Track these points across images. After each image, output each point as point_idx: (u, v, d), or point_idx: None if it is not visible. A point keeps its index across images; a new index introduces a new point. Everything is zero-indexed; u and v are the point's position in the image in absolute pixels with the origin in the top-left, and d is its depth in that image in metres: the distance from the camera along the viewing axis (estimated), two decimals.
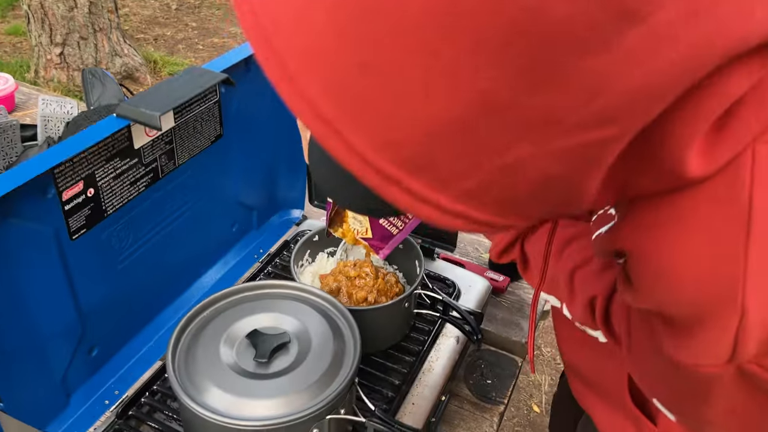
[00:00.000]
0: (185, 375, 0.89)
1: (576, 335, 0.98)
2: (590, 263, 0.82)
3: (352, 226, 1.02)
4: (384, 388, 1.09)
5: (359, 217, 1.01)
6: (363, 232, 1.02)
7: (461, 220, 0.46)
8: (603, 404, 0.98)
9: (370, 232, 1.02)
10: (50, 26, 4.09)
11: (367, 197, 0.57)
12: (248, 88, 1.20)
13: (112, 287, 1.05)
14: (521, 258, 0.93)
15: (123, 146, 0.96)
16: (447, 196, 0.44)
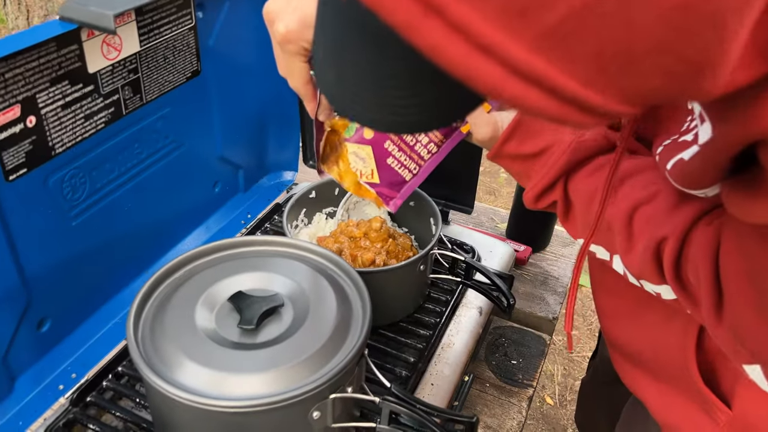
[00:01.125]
0: (151, 345, 0.71)
1: (626, 301, 0.80)
2: (655, 200, 0.64)
3: (353, 165, 0.81)
4: (397, 366, 0.91)
5: (363, 152, 0.80)
6: (368, 174, 0.82)
7: (535, 89, 0.30)
8: (660, 385, 0.80)
9: (377, 176, 0.82)
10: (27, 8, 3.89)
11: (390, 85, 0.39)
12: (230, 16, 1.01)
13: (64, 247, 0.86)
14: (564, 200, 0.74)
15: (73, 67, 0.77)
16: (520, 39, 0.29)
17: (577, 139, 0.71)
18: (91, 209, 0.89)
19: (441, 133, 0.81)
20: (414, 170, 0.82)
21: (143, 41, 0.87)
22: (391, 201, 0.83)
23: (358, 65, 0.40)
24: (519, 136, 0.74)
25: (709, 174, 0.51)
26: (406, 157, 0.81)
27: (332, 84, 0.43)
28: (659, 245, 0.62)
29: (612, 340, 0.88)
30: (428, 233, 1.05)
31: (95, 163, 0.87)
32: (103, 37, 0.80)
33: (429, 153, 0.81)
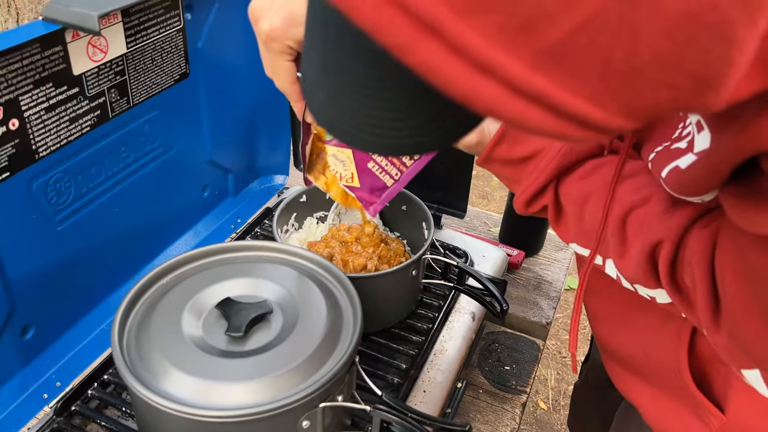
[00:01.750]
0: (136, 354, 0.69)
1: (617, 304, 0.79)
2: (649, 203, 0.63)
3: (333, 168, 0.78)
4: (389, 373, 0.89)
5: (342, 155, 0.78)
6: (347, 178, 0.79)
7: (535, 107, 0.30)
8: (652, 390, 0.79)
9: (357, 180, 0.80)
10: (17, 11, 3.86)
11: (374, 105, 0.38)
12: (220, 17, 1.00)
13: (49, 253, 0.84)
14: (555, 205, 0.73)
15: (57, 68, 0.76)
16: (519, 57, 0.28)
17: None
18: (76, 214, 0.87)
19: None
20: (395, 176, 0.80)
21: (130, 43, 0.85)
22: (371, 206, 0.81)
23: (350, 86, 0.38)
24: (508, 140, 0.73)
25: (709, 183, 0.50)
26: (387, 162, 0.79)
27: (322, 104, 0.41)
28: (654, 249, 0.61)
29: (603, 344, 0.87)
30: (421, 238, 1.04)
31: (81, 167, 0.85)
32: (88, 39, 0.78)
33: (411, 159, 0.79)
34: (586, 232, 0.69)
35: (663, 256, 0.60)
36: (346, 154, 0.78)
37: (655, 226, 0.61)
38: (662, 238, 0.60)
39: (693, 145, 0.52)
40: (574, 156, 0.69)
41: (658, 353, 0.74)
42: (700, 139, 0.51)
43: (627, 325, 0.79)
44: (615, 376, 0.87)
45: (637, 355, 0.79)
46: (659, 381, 0.77)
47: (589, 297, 0.86)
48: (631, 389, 0.84)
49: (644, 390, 0.81)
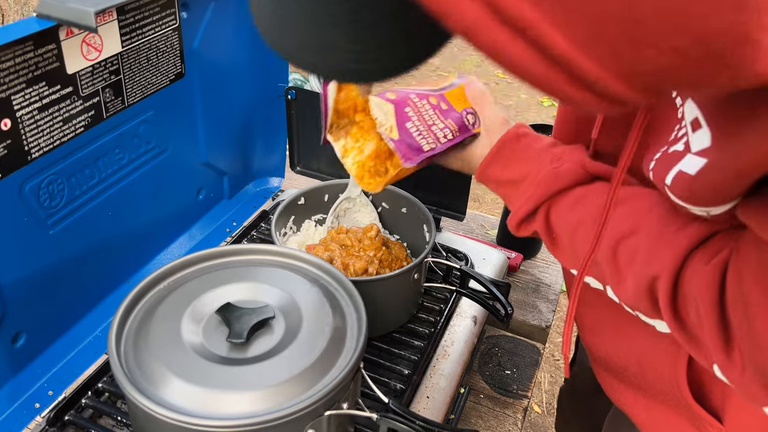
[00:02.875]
0: (134, 361, 0.67)
1: (608, 316, 0.78)
2: (638, 233, 0.62)
3: (375, 113, 0.77)
4: (391, 379, 0.87)
5: (385, 107, 0.77)
6: (388, 128, 0.77)
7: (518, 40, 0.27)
8: (647, 401, 0.78)
9: (396, 133, 0.78)
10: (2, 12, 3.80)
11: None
12: (216, 17, 0.98)
13: (41, 257, 0.82)
14: (546, 231, 0.71)
15: (51, 67, 0.73)
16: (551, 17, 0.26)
17: (554, 170, 0.69)
18: (69, 217, 0.84)
19: (455, 124, 0.79)
20: (431, 144, 0.79)
21: (125, 42, 0.83)
22: (408, 160, 0.78)
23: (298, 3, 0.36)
24: (500, 161, 0.73)
25: (725, 192, 0.47)
26: (425, 129, 0.79)
27: (267, 16, 0.38)
28: (652, 283, 0.59)
29: (594, 354, 0.85)
30: (421, 241, 1.02)
31: (74, 169, 0.83)
32: (82, 37, 0.76)
33: (445, 137, 0.79)
34: (578, 260, 0.68)
35: (662, 293, 0.58)
36: (388, 108, 0.78)
37: (648, 258, 0.59)
38: (658, 273, 0.58)
39: (689, 146, 0.50)
40: (560, 183, 0.68)
41: (653, 365, 0.73)
42: (697, 138, 0.49)
43: (620, 336, 0.77)
44: (606, 384, 0.86)
45: (630, 367, 0.77)
46: (654, 392, 0.75)
47: (580, 308, 0.84)
48: (625, 399, 0.82)
49: (638, 400, 0.80)
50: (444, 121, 0.79)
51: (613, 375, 0.83)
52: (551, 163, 0.69)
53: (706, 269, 0.54)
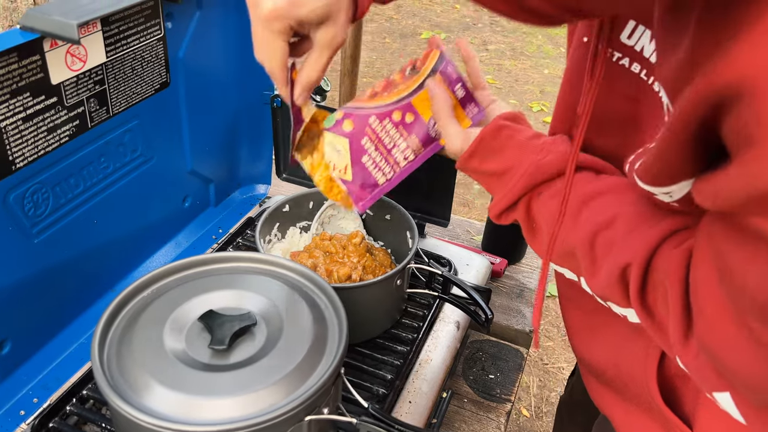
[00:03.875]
0: (117, 368, 0.68)
1: (590, 316, 0.79)
2: (615, 225, 0.64)
3: (328, 156, 0.78)
4: (374, 384, 0.89)
5: (339, 144, 0.77)
6: (341, 169, 0.78)
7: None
8: (625, 404, 0.79)
9: (350, 173, 0.79)
10: None
11: None
12: (201, 27, 0.99)
13: (26, 266, 0.83)
14: (527, 221, 0.73)
15: (35, 78, 0.74)
16: None
17: (537, 161, 0.69)
18: (54, 226, 0.85)
19: (419, 141, 0.79)
20: (388, 174, 0.80)
21: (110, 52, 0.84)
22: (361, 202, 0.80)
23: None
24: (481, 153, 0.74)
25: (673, 163, 0.49)
26: (382, 159, 0.79)
27: None
28: (624, 271, 0.61)
29: (579, 355, 0.87)
30: (405, 247, 1.04)
31: (59, 178, 0.84)
32: (67, 48, 0.77)
33: (405, 159, 0.79)
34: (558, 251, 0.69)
35: (633, 279, 0.59)
36: (343, 144, 0.77)
37: (622, 247, 0.61)
38: (630, 260, 0.60)
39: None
40: (542, 175, 0.69)
41: (627, 367, 0.74)
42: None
43: (598, 337, 0.79)
44: (591, 387, 0.87)
45: (608, 369, 0.78)
46: (630, 395, 0.76)
47: (566, 307, 0.86)
48: (605, 401, 0.84)
49: (617, 403, 0.81)
50: (407, 139, 0.78)
51: (595, 377, 0.84)
52: (534, 155, 0.70)
53: (673, 253, 0.56)
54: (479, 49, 4.80)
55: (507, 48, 4.86)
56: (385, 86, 0.79)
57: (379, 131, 0.78)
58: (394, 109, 0.78)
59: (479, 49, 4.80)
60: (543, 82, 4.42)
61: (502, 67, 4.59)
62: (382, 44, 4.85)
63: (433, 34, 4.90)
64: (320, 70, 0.71)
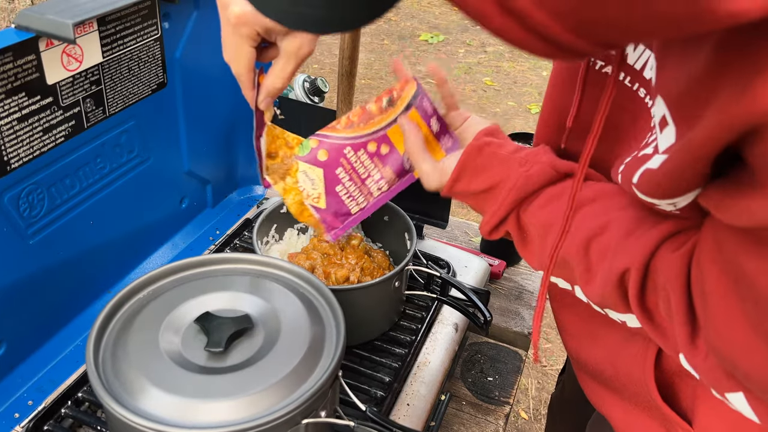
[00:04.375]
0: (112, 371, 0.67)
1: (585, 319, 0.79)
2: (609, 230, 0.63)
3: (301, 185, 0.78)
4: (372, 386, 0.88)
5: (313, 174, 0.78)
6: (314, 197, 0.79)
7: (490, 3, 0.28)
8: (623, 403, 0.79)
9: (324, 201, 0.79)
10: None
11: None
12: (198, 27, 0.98)
13: (21, 267, 0.82)
14: (518, 232, 0.73)
15: (30, 78, 0.74)
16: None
17: (524, 173, 0.69)
18: (50, 227, 0.84)
19: (394, 172, 0.80)
20: (362, 204, 0.81)
21: (106, 52, 0.83)
22: (333, 231, 0.81)
23: None
24: (467, 175, 0.74)
25: (685, 179, 0.49)
26: (356, 189, 0.79)
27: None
28: (622, 276, 0.60)
29: (574, 357, 0.86)
30: (403, 249, 1.03)
31: (54, 179, 0.83)
32: (62, 47, 0.76)
33: (379, 190, 0.80)
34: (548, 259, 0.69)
35: (632, 284, 0.59)
36: (317, 174, 0.78)
37: (618, 252, 0.61)
38: (628, 265, 0.59)
39: (658, 146, 0.52)
40: (531, 186, 0.69)
41: (625, 367, 0.74)
42: (664, 137, 0.50)
43: (595, 339, 0.79)
44: (587, 388, 0.87)
45: (606, 369, 0.78)
46: (628, 394, 0.76)
47: (559, 311, 0.85)
48: (604, 402, 0.83)
49: (615, 403, 0.81)
50: (382, 170, 0.78)
51: (591, 377, 0.84)
52: (520, 167, 0.70)
53: (673, 257, 0.55)
54: (478, 50, 4.81)
55: (505, 50, 4.86)
56: (361, 116, 0.79)
57: (354, 162, 0.78)
58: (370, 140, 0.78)
59: (478, 50, 4.81)
60: (541, 84, 4.42)
61: (500, 69, 4.59)
62: (381, 46, 4.85)
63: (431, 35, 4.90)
64: (285, 78, 0.72)
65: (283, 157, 0.80)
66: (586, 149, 0.57)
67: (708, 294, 0.51)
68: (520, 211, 0.71)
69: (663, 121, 0.50)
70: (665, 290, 0.56)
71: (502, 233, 0.75)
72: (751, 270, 0.45)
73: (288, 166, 0.80)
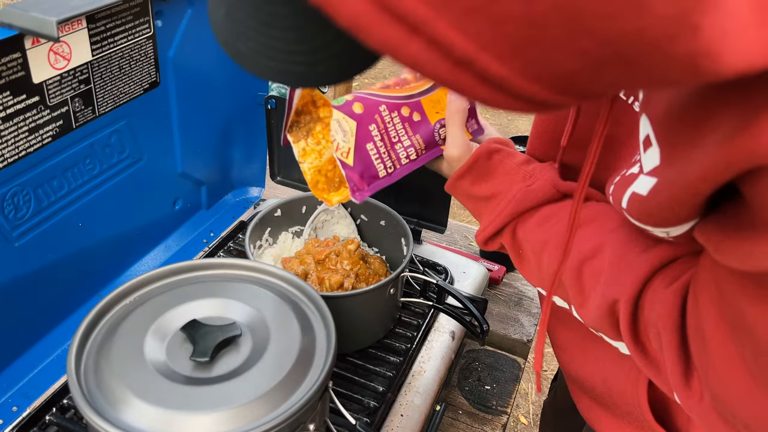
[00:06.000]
0: (94, 382, 0.65)
1: (578, 335, 0.77)
2: (601, 253, 0.61)
3: (333, 134, 0.74)
4: (364, 396, 0.86)
5: (346, 125, 0.74)
6: (344, 151, 0.74)
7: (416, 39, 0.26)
8: (615, 421, 0.77)
9: (353, 157, 0.75)
10: None
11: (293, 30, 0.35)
12: (192, 25, 0.96)
13: (6, 270, 0.80)
14: (513, 247, 0.72)
15: (15, 76, 0.72)
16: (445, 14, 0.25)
17: (525, 188, 0.69)
18: (36, 229, 0.82)
19: (423, 141, 0.78)
20: (389, 168, 0.77)
21: (96, 50, 0.81)
22: (359, 192, 0.77)
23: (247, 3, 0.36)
24: (472, 175, 0.73)
25: (678, 212, 0.46)
26: (386, 152, 0.77)
27: (221, 21, 0.39)
28: (612, 306, 0.58)
29: (567, 371, 0.85)
30: (400, 254, 1.01)
31: (41, 180, 0.81)
32: (49, 45, 0.74)
33: (407, 158, 0.78)
34: (545, 279, 0.68)
35: (622, 317, 0.57)
36: (350, 126, 0.74)
37: (610, 280, 0.59)
38: (617, 296, 0.57)
39: (642, 166, 0.49)
40: (529, 202, 0.68)
41: (618, 385, 0.72)
42: (648, 157, 0.48)
43: (588, 355, 0.77)
44: (579, 402, 0.85)
45: (598, 386, 0.76)
46: (621, 413, 0.75)
47: (553, 325, 0.84)
48: (595, 417, 0.82)
49: (607, 419, 0.79)
50: (411, 137, 0.77)
51: (584, 392, 0.82)
52: (523, 181, 0.69)
53: (666, 293, 0.53)
54: None
55: None
56: (397, 81, 0.78)
57: (387, 122, 0.76)
58: (404, 104, 0.77)
59: None
60: None
61: None
62: None
63: None
64: None
65: (308, 116, 0.78)
66: (584, 172, 0.55)
67: (708, 339, 0.48)
68: (517, 225, 0.70)
69: (647, 141, 0.47)
70: (656, 327, 0.53)
71: (497, 245, 0.74)
72: (752, 315, 0.42)
73: (311, 126, 0.78)
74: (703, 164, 0.40)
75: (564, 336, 0.81)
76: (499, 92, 0.28)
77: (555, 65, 0.27)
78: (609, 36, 0.25)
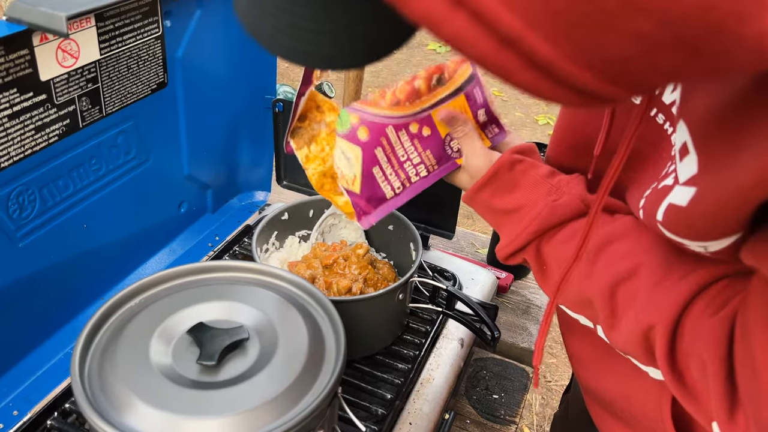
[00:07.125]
0: (98, 384, 0.63)
1: (596, 348, 0.75)
2: (638, 275, 0.58)
3: (337, 163, 0.72)
4: (372, 403, 0.84)
5: (351, 153, 0.72)
6: (349, 179, 0.73)
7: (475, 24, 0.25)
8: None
9: (359, 184, 0.73)
10: None
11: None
12: (201, 26, 0.95)
13: (9, 271, 0.79)
14: (537, 262, 0.69)
15: (23, 73, 0.71)
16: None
17: (551, 203, 0.65)
18: (41, 229, 0.81)
19: (434, 156, 0.75)
20: (397, 189, 0.75)
21: (104, 49, 0.80)
22: (365, 217, 0.74)
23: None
24: (492, 187, 0.70)
25: (722, 224, 0.43)
26: (393, 172, 0.74)
27: (246, 3, 0.38)
28: (647, 332, 0.55)
29: (584, 384, 0.82)
30: (408, 259, 0.99)
31: (47, 179, 0.80)
32: (58, 43, 0.73)
33: (417, 175, 0.75)
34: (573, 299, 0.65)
35: (659, 343, 0.54)
36: (355, 153, 0.71)
37: (646, 304, 0.56)
38: (654, 322, 0.54)
39: (678, 176, 0.47)
40: (556, 217, 0.65)
41: (639, 400, 0.70)
42: (684, 166, 0.45)
43: (608, 369, 0.74)
44: (597, 417, 0.83)
45: (618, 401, 0.74)
46: (641, 428, 0.72)
47: (568, 337, 0.81)
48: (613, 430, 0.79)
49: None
50: (421, 154, 0.74)
51: (601, 407, 0.80)
52: (549, 195, 0.66)
53: (712, 322, 0.50)
54: None
55: None
56: (408, 93, 0.73)
57: (394, 142, 0.73)
58: (413, 120, 0.73)
59: None
60: None
61: None
62: None
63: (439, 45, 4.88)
64: None
65: (312, 121, 0.76)
66: (604, 185, 0.53)
67: (758, 369, 0.45)
68: (542, 242, 0.67)
69: (684, 149, 0.46)
70: (700, 357, 0.51)
71: (519, 260, 0.70)
72: None
73: (315, 132, 0.76)
74: (748, 173, 0.38)
75: (583, 349, 0.78)
76: (545, 78, 0.26)
77: (608, 49, 0.25)
78: (668, 15, 0.24)
